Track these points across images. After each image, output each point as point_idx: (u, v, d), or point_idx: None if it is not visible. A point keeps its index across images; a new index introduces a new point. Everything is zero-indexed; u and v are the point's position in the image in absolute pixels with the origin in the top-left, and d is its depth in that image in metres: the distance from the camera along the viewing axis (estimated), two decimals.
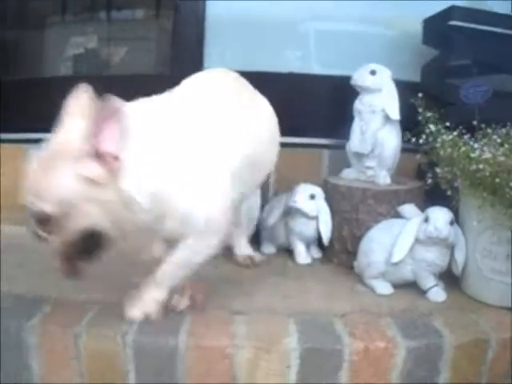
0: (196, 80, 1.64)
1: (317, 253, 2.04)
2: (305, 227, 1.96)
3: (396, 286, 1.74)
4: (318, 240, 2.00)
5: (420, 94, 1.82)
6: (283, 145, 2.09)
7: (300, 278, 1.85)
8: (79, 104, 1.29)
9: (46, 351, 1.45)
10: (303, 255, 1.99)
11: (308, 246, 2.01)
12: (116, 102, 1.21)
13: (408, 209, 1.81)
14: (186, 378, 1.41)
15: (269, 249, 2.08)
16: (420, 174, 2.04)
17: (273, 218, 2.02)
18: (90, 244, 1.31)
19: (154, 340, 1.42)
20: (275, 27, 2.47)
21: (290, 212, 1.98)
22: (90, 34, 3.17)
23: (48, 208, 1.22)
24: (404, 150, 2.03)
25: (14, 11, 3.10)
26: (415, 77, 2.27)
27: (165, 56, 2.93)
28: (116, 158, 1.24)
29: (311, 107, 2.29)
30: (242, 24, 2.46)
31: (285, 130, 2.02)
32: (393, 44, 2.46)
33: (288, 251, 2.04)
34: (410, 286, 1.72)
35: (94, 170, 1.23)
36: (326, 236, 1.93)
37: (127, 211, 1.29)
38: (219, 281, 1.77)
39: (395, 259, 1.68)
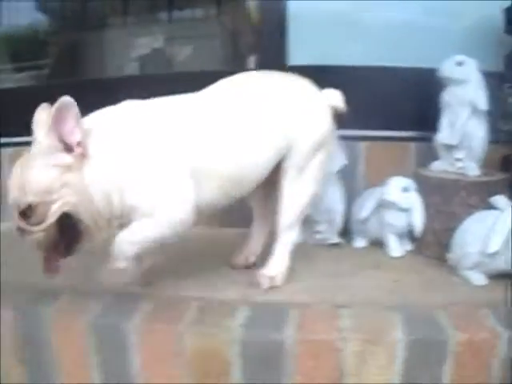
0: (218, 84, 1.72)
1: (408, 245, 2.05)
2: (397, 220, 1.97)
3: (490, 276, 1.74)
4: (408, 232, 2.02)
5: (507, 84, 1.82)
6: (371, 138, 2.12)
7: (395, 270, 1.86)
8: (43, 117, 1.46)
9: (148, 349, 1.50)
10: (396, 248, 2.01)
11: (400, 239, 2.02)
12: (67, 99, 1.39)
13: (500, 200, 1.80)
14: (293, 372, 1.44)
15: (360, 242, 2.11)
16: (505, 166, 2.04)
17: (365, 211, 2.03)
18: (68, 234, 1.47)
19: (261, 335, 1.45)
20: (355, 23, 2.48)
21: (382, 205, 1.99)
22: (155, 34, 3.25)
23: (30, 198, 1.40)
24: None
25: (79, 14, 3.20)
26: (496, 67, 2.26)
27: (230, 53, 2.98)
28: (79, 143, 1.42)
29: (396, 100, 2.28)
30: (319, 20, 2.47)
31: (372, 123, 2.04)
32: (471, 35, 2.43)
33: (379, 244, 2.06)
34: (503, 277, 1.71)
35: (64, 158, 1.42)
36: (418, 228, 1.94)
37: (93, 198, 1.45)
38: (318, 275, 1.81)
39: (491, 250, 1.67)
